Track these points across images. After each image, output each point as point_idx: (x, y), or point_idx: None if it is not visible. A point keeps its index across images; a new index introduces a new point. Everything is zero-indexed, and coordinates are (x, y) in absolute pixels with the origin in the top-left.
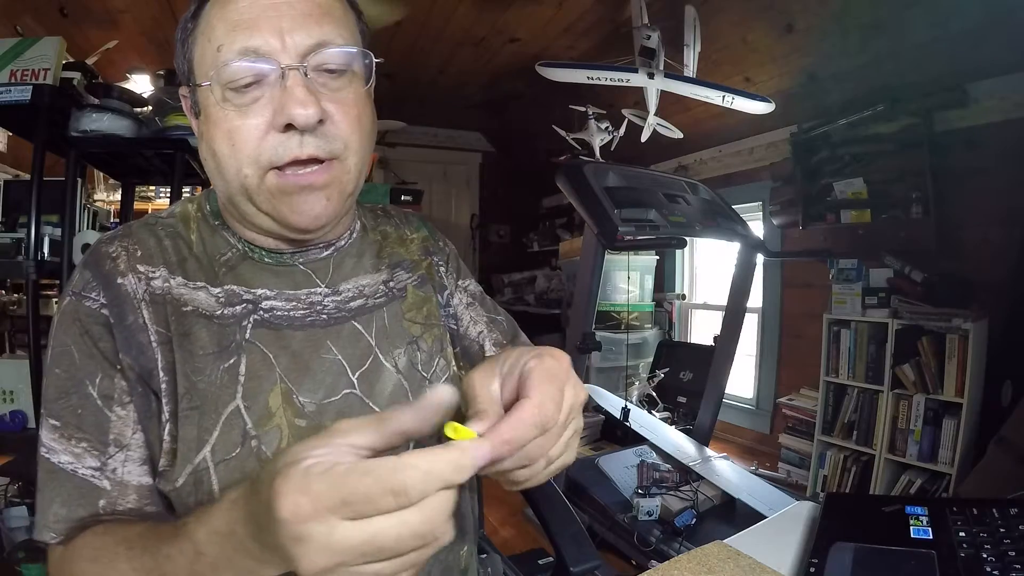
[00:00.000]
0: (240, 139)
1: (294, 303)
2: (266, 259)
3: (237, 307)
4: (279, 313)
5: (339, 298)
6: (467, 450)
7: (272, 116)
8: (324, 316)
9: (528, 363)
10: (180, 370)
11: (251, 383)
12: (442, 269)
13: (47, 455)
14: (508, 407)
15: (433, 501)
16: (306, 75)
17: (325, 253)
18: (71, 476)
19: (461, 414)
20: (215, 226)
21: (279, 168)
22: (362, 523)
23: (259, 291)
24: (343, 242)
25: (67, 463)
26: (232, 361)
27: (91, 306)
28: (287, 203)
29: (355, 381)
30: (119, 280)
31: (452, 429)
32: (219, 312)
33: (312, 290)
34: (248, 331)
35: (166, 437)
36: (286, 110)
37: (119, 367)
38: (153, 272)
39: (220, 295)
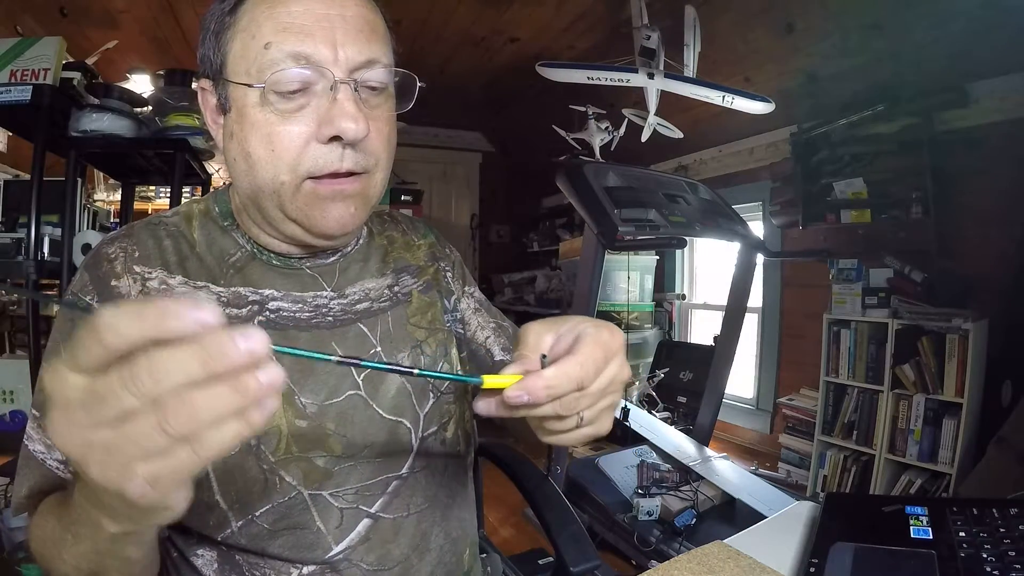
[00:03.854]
0: (281, 145)
1: (300, 305)
2: (274, 261)
3: (243, 309)
4: (285, 314)
5: (345, 301)
6: (187, 303)
7: (317, 126)
8: (330, 318)
9: (587, 329)
10: None
11: None
12: (448, 275)
13: (26, 441)
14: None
15: (153, 354)
16: (355, 90)
17: (332, 258)
18: (40, 465)
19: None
20: (224, 227)
21: (315, 177)
22: (88, 377)
23: (266, 291)
24: (349, 248)
25: (39, 452)
26: None
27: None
28: (319, 208)
29: (360, 383)
30: (114, 282)
31: (487, 381)
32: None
33: (318, 293)
34: None
35: None
36: (336, 123)
37: None
38: (149, 273)
39: (224, 295)
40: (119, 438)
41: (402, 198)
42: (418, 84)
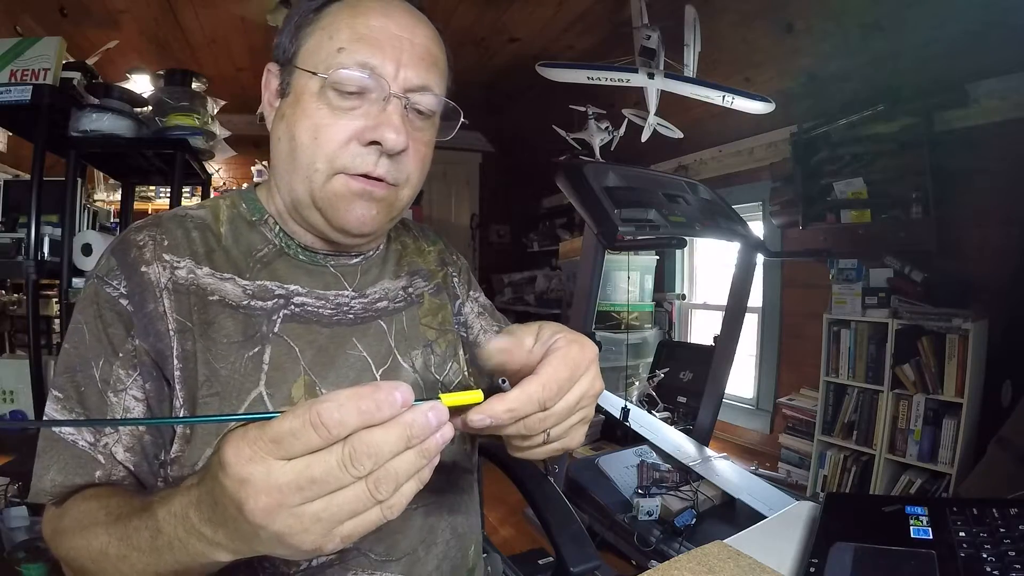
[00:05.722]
0: (325, 136)
1: (323, 302)
2: (300, 256)
3: (268, 301)
4: (309, 309)
5: (365, 300)
6: (386, 388)
7: (362, 129)
8: (351, 316)
9: (556, 343)
10: (201, 358)
11: (275, 373)
12: (455, 280)
13: None
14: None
15: (364, 437)
16: (405, 107)
17: (355, 260)
18: (70, 446)
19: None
20: (252, 222)
21: (348, 174)
22: (295, 461)
23: (291, 287)
24: (372, 252)
25: (68, 434)
26: (256, 350)
27: (111, 293)
28: (344, 203)
29: (379, 377)
30: (143, 268)
31: (445, 400)
32: (245, 303)
33: (340, 292)
34: (278, 324)
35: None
36: (380, 130)
37: (121, 354)
38: (178, 262)
39: (249, 288)
40: (330, 509)
41: None
42: (461, 119)
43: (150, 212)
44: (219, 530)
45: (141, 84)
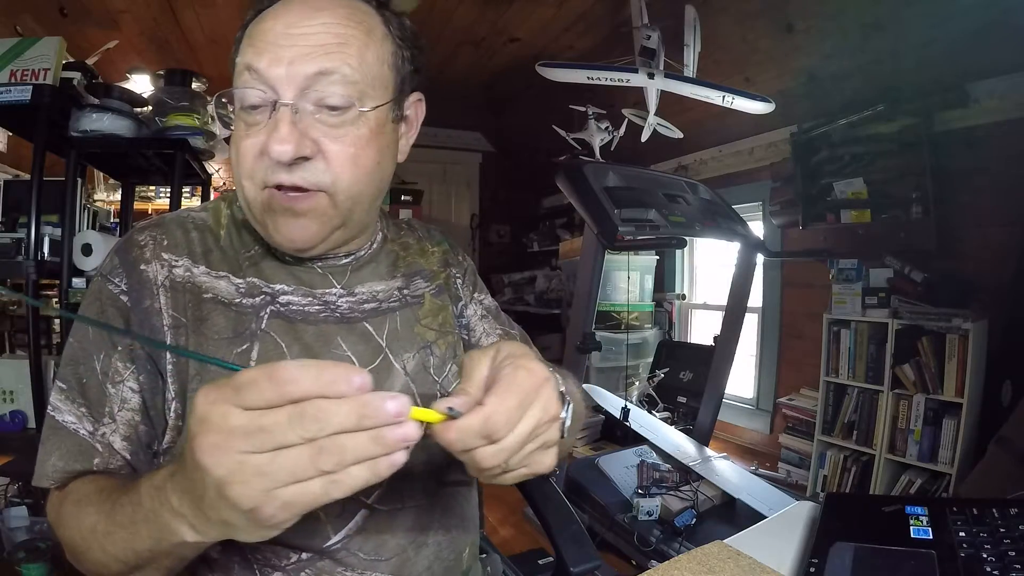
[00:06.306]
0: (243, 154)
1: (310, 299)
2: (287, 257)
3: (256, 298)
4: (295, 308)
5: (353, 299)
6: (348, 368)
7: (264, 143)
8: (337, 314)
9: (504, 370)
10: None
11: None
12: (459, 281)
13: (52, 413)
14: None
15: (316, 402)
16: (296, 111)
17: (344, 260)
18: (72, 434)
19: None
20: (241, 222)
21: (270, 187)
22: (251, 411)
23: (278, 286)
24: (363, 252)
25: (70, 422)
26: (245, 347)
27: (112, 290)
28: (271, 220)
29: None
30: (143, 267)
31: (414, 412)
32: (237, 301)
33: (328, 290)
34: (264, 321)
35: (171, 415)
36: (268, 143)
37: (119, 348)
38: (176, 261)
39: (241, 286)
40: (272, 465)
41: (402, 198)
42: (377, 107)
43: (150, 212)
44: (184, 498)
45: (141, 84)
